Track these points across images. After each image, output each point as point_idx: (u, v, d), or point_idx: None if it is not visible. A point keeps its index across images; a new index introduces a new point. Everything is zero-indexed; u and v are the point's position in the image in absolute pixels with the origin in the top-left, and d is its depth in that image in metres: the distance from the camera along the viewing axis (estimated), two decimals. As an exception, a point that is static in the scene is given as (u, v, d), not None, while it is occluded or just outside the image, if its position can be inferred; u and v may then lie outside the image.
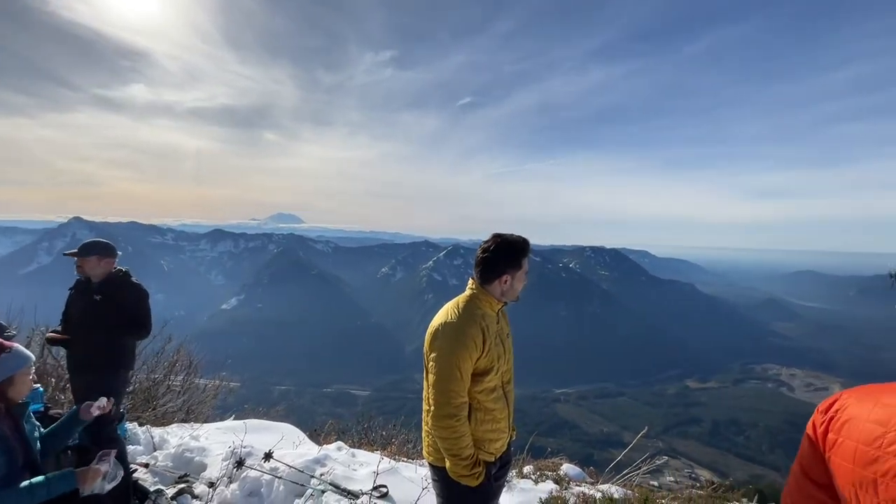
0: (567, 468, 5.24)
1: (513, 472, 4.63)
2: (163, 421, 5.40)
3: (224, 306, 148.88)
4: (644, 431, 5.67)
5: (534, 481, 4.30)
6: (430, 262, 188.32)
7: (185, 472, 3.46)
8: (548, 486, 4.07)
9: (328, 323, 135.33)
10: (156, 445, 4.06)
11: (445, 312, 1.80)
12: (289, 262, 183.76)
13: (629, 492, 3.98)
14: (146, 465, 3.48)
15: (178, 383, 6.44)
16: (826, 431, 0.89)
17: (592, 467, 5.80)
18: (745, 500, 5.20)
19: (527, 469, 4.75)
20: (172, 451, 3.77)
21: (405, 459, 4.27)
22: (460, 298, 1.85)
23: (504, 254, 1.83)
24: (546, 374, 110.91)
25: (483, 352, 1.76)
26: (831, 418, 0.89)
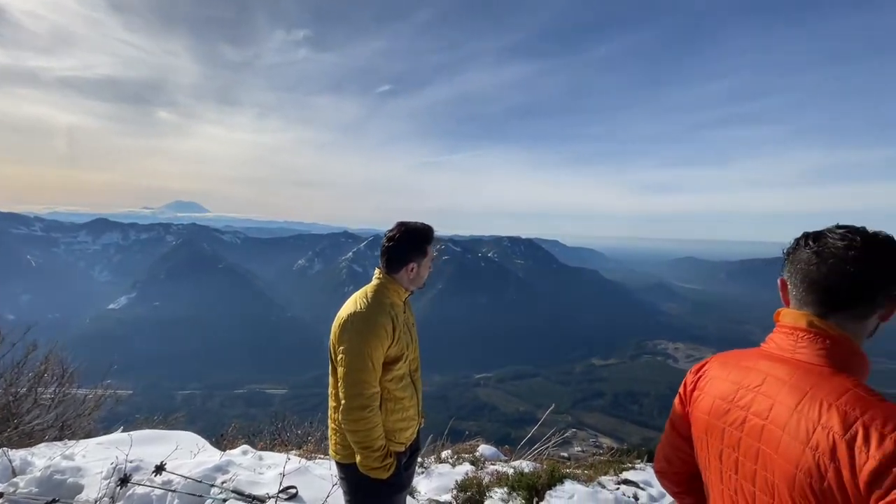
0: (483, 449, 5.43)
1: (431, 458, 4.68)
2: (29, 441, 4.63)
3: (112, 306, 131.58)
4: (551, 409, 6.04)
5: (451, 465, 4.38)
6: (350, 254, 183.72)
7: (55, 496, 2.98)
8: (465, 468, 4.18)
9: (239, 319, 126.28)
10: (16, 470, 3.45)
11: (354, 302, 1.76)
12: (191, 255, 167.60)
13: (538, 465, 4.22)
14: (0, 495, 2.94)
15: (49, 396, 5.57)
16: (693, 389, 1.03)
17: (508, 446, 6.09)
18: (638, 460, 5.79)
19: (445, 454, 4.83)
20: (38, 474, 3.23)
21: (322, 457, 4.11)
22: (368, 288, 1.82)
23: (409, 242, 1.81)
24: (467, 360, 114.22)
25: (393, 340, 1.75)
26: (699, 378, 1.04)
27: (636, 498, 3.70)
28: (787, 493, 0.79)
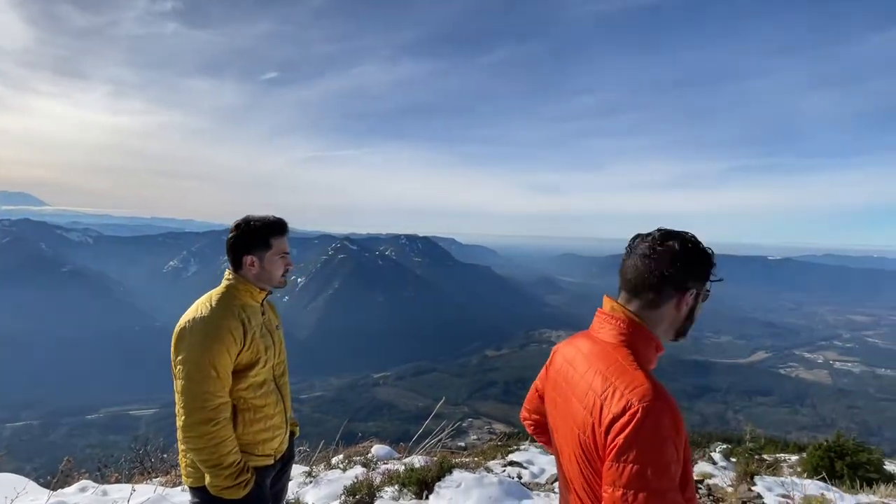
0: (377, 449, 5.34)
1: (321, 465, 4.46)
2: None
3: None
4: (441, 402, 6.16)
5: (342, 469, 4.22)
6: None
7: None
8: (356, 472, 4.05)
9: (92, 332, 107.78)
10: None
11: (195, 307, 1.61)
12: (23, 257, 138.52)
13: (430, 458, 4.26)
14: None
15: None
16: (550, 364, 1.25)
17: (403, 443, 6.07)
18: (524, 442, 6.20)
19: (335, 459, 4.64)
20: None
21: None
22: (214, 291, 1.68)
23: (247, 235, 1.68)
24: (366, 360, 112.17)
25: (245, 345, 1.60)
26: (554, 353, 1.26)
27: (520, 477, 3.95)
28: (573, 452, 0.99)
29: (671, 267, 0.97)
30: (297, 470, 4.16)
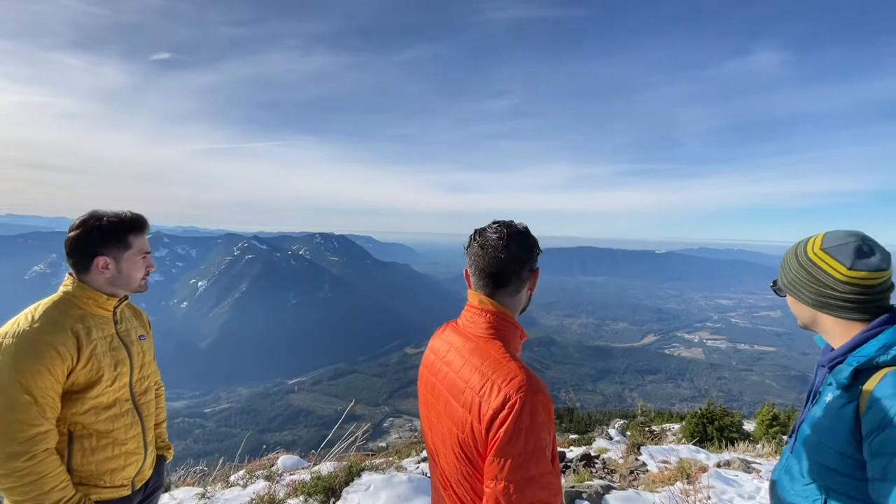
0: (283, 460, 5.03)
1: (218, 485, 4.08)
2: None
3: None
4: (352, 404, 6.00)
5: (242, 486, 3.90)
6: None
7: None
8: (257, 487, 3.76)
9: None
10: None
11: (13, 322, 1.34)
12: None
13: (340, 464, 4.11)
14: None
15: None
16: (423, 364, 1.21)
17: (314, 451, 5.79)
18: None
19: (234, 476, 4.27)
20: None
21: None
22: (44, 300, 1.41)
23: (98, 232, 1.41)
24: (279, 366, 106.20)
25: (78, 362, 1.36)
26: (427, 351, 1.22)
27: (427, 474, 3.95)
28: (450, 445, 0.99)
29: (524, 252, 1.04)
30: (188, 493, 3.76)
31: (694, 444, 10.59)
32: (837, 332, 1.02)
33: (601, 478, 4.66)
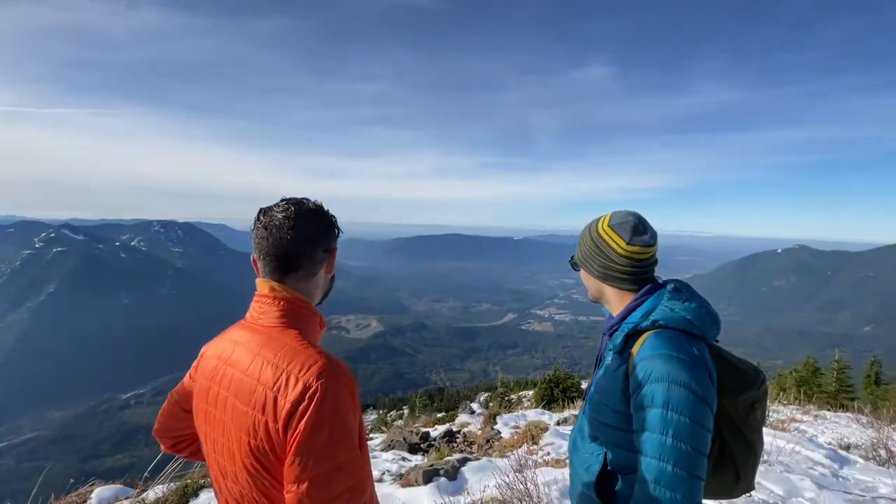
0: (101, 492, 4.16)
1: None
2: None
3: None
4: None
5: (32, 537, 3.09)
6: None
7: None
8: (54, 533, 3.02)
9: None
10: None
11: None
12: None
13: (172, 486, 3.55)
14: None
15: None
16: (196, 371, 1.01)
17: (147, 474, 4.92)
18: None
19: (22, 525, 3.38)
20: None
21: None
22: None
23: None
24: (109, 379, 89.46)
25: None
26: (199, 360, 1.02)
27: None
28: (240, 460, 0.85)
29: (318, 231, 0.95)
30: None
31: (543, 406, 11.95)
32: (616, 301, 1.13)
33: (461, 451, 4.90)
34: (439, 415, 12.18)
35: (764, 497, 3.14)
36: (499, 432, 5.41)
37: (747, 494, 1.53)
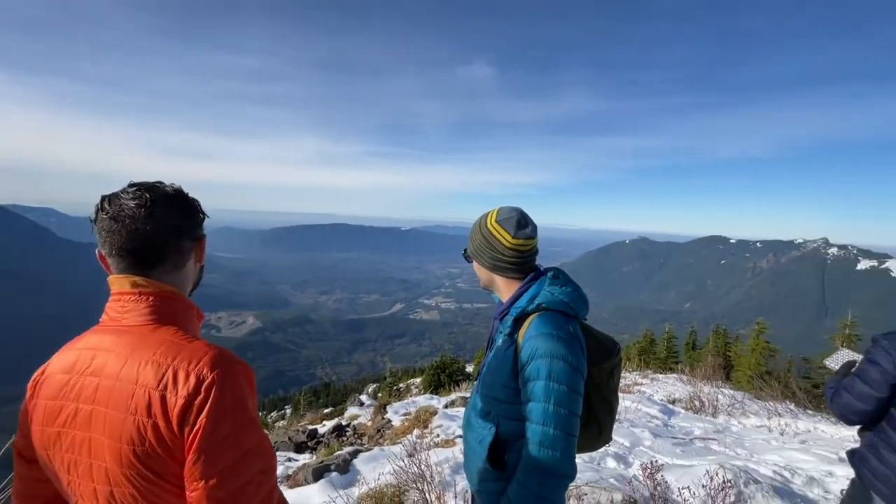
0: None
1: None
2: None
3: None
4: (11, 441, 4.34)
5: None
6: None
7: None
8: None
9: None
10: None
11: None
12: None
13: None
14: None
15: None
16: (31, 398, 0.84)
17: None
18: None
19: None
20: None
21: None
22: None
23: None
24: None
25: None
26: (37, 383, 0.85)
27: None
28: (119, 474, 0.76)
29: (182, 219, 0.87)
30: None
31: (431, 392, 12.36)
32: (505, 289, 1.27)
33: (352, 444, 4.85)
34: (327, 410, 11.84)
35: (615, 449, 3.71)
36: (390, 421, 5.47)
37: (606, 446, 1.78)
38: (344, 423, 6.37)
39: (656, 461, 2.96)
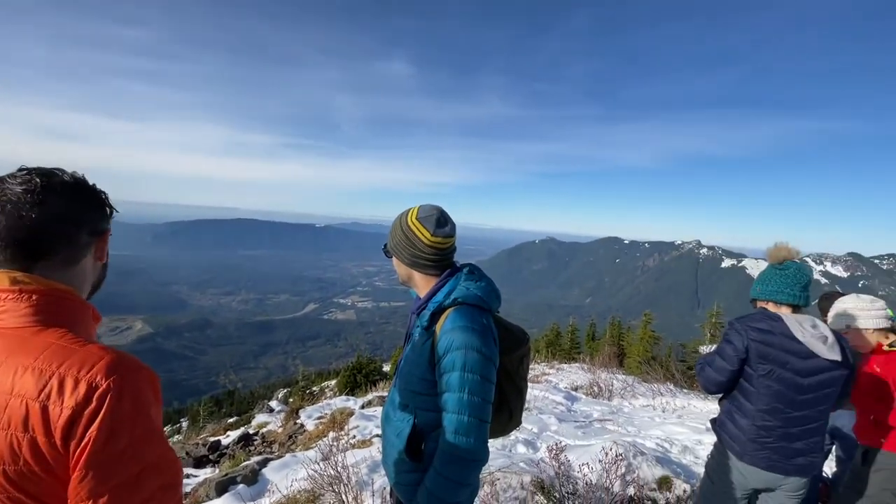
0: None
1: None
2: None
3: None
4: None
5: None
6: None
7: None
8: None
9: None
10: None
11: None
12: None
13: None
14: None
15: None
16: None
17: None
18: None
19: None
20: None
21: None
22: None
23: None
24: None
25: None
26: None
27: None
28: None
29: (79, 210, 0.78)
30: None
31: (347, 393, 12.03)
32: (423, 285, 1.30)
33: (260, 453, 4.56)
34: (231, 420, 10.98)
35: (525, 436, 3.95)
36: (302, 426, 5.24)
37: (517, 431, 1.96)
38: (251, 431, 5.96)
39: (560, 443, 3.22)
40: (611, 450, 2.82)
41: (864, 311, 2.05)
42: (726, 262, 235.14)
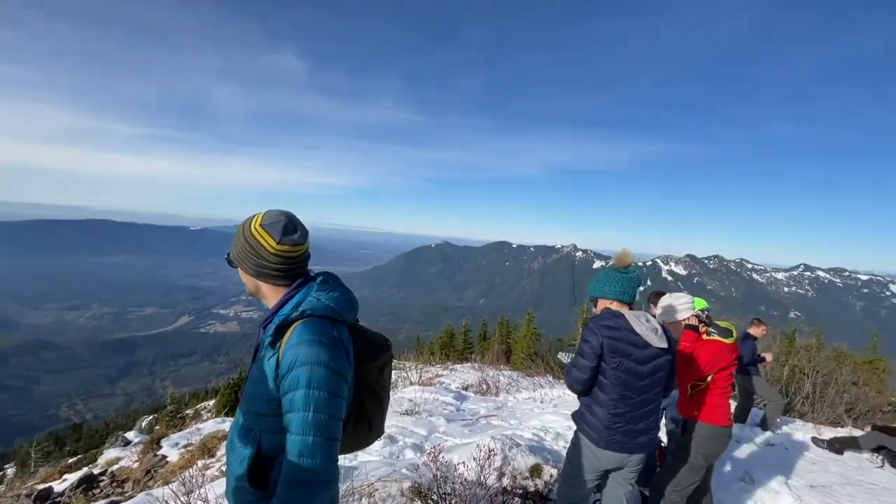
0: None
1: None
2: None
3: None
4: None
5: None
6: None
7: None
8: None
9: None
10: None
11: None
12: None
13: None
14: None
15: None
16: None
17: None
18: None
19: None
20: None
21: None
22: None
23: None
24: None
25: None
26: None
27: None
28: None
29: None
30: None
31: (226, 414, 10.89)
32: (271, 296, 1.20)
33: (107, 496, 3.88)
34: (73, 460, 9.21)
35: (413, 440, 3.95)
36: (164, 457, 4.59)
37: (405, 436, 1.92)
38: (97, 471, 5.05)
39: (440, 445, 3.28)
40: (486, 445, 2.95)
41: (680, 305, 2.57)
42: (597, 264, 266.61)
